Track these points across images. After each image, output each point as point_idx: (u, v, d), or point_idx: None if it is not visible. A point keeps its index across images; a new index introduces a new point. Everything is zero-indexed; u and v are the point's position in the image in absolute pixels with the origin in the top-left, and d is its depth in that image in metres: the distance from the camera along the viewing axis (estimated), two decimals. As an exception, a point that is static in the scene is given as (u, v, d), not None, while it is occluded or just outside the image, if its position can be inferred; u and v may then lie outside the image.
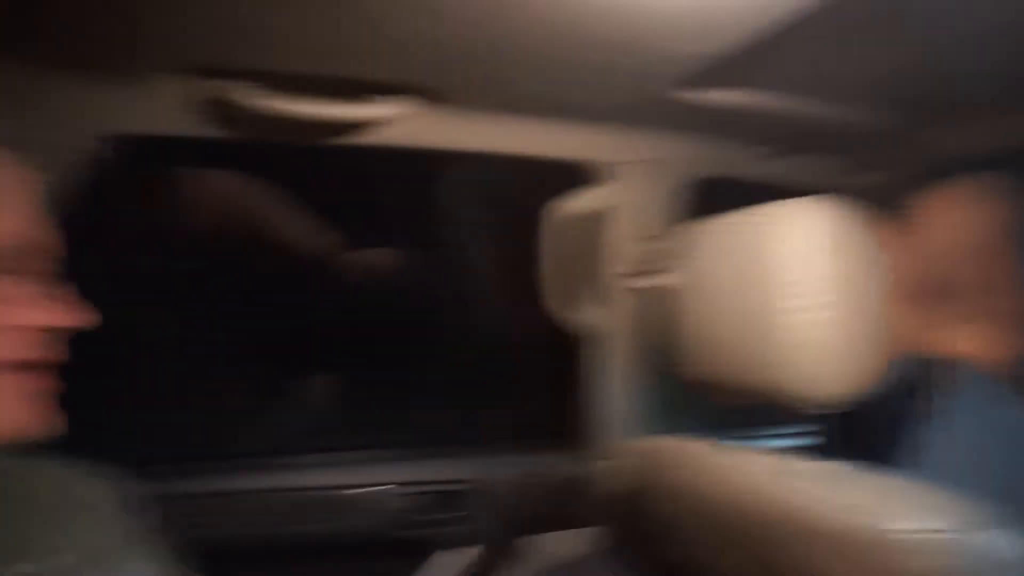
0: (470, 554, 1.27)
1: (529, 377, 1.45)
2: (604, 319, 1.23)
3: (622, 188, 1.19)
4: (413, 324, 1.50)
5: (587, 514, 1.25)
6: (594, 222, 1.20)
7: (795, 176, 1.26)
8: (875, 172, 1.30)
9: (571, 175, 1.19)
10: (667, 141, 1.18)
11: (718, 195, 1.25)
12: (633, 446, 1.13)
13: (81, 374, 0.60)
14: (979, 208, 1.02)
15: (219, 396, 1.36)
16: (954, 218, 1.02)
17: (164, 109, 0.92)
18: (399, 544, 1.25)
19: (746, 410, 0.98)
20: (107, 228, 1.24)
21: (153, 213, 1.25)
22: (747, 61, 0.89)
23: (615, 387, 1.25)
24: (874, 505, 0.70)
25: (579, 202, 1.19)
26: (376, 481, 1.25)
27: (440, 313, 1.52)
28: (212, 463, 1.22)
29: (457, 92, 1.00)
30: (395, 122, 1.01)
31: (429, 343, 1.51)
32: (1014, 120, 1.11)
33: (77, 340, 0.59)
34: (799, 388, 0.80)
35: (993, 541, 0.67)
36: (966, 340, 0.99)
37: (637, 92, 1.00)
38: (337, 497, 1.23)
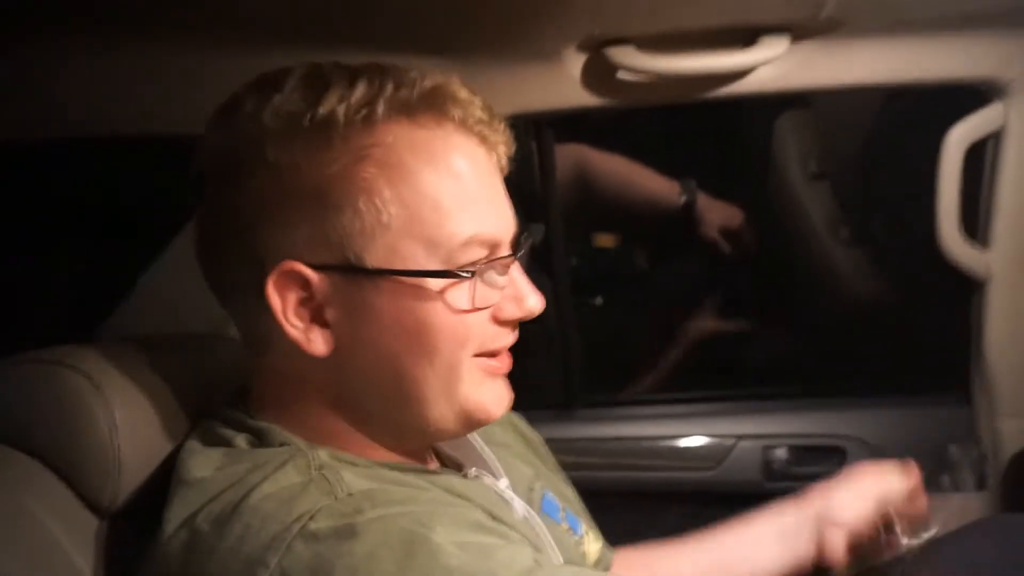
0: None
1: (917, 326, 1.35)
2: (1002, 258, 1.10)
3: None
4: (785, 277, 1.48)
5: (988, 474, 1.15)
6: (995, 148, 1.07)
7: None
8: None
9: (966, 97, 1.07)
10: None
11: None
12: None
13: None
14: None
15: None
16: None
17: (561, 84, 0.98)
18: (774, 497, 1.24)
19: None
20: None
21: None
22: None
23: (1016, 333, 1.12)
24: None
25: (978, 126, 1.07)
26: (753, 433, 1.25)
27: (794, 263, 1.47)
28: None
29: (839, 22, 0.94)
30: (773, 65, 0.98)
31: (802, 294, 1.47)
32: None
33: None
34: None
35: None
36: None
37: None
38: (719, 446, 1.25)
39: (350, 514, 0.50)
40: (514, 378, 0.65)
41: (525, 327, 0.64)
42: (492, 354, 0.61)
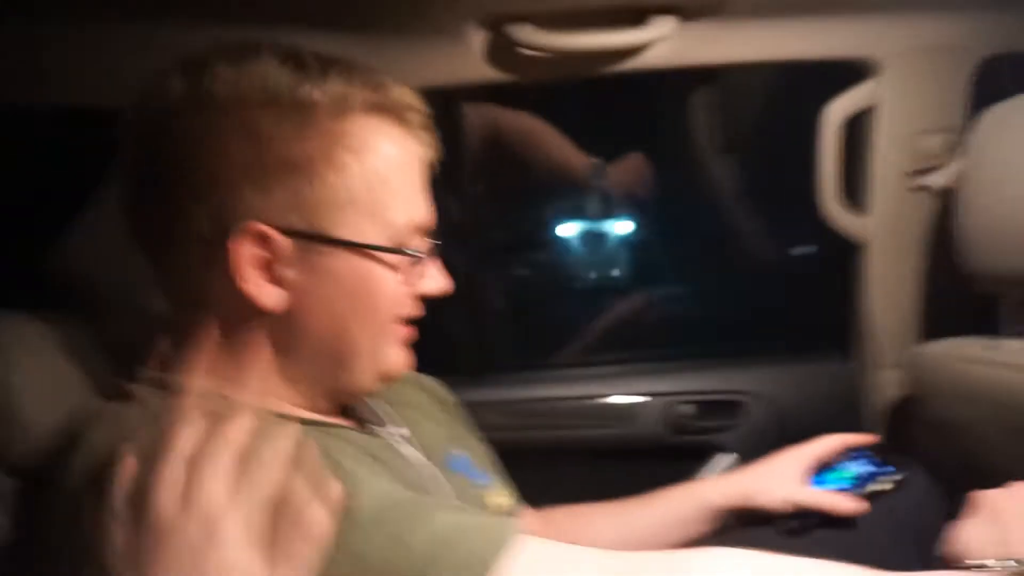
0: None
1: (804, 288, 1.45)
2: (880, 223, 1.19)
3: (900, 81, 1.14)
4: (685, 240, 1.55)
5: (865, 423, 1.25)
6: (868, 121, 1.16)
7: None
8: None
9: (842, 74, 1.16)
10: (953, 22, 1.10)
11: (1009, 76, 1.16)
12: (914, 352, 1.11)
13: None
14: None
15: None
16: None
17: (462, 60, 1.03)
18: (680, 450, 1.32)
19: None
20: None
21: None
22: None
23: (892, 293, 1.22)
24: None
25: (853, 101, 1.15)
26: (658, 391, 1.33)
27: (711, 228, 1.55)
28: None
29: (724, 3, 1.01)
30: (664, 44, 1.05)
31: (705, 260, 1.55)
32: None
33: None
34: None
35: None
36: None
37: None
38: (624, 406, 1.33)
39: None
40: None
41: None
42: (405, 323, 0.70)
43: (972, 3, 1.06)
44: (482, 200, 1.47)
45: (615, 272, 1.50)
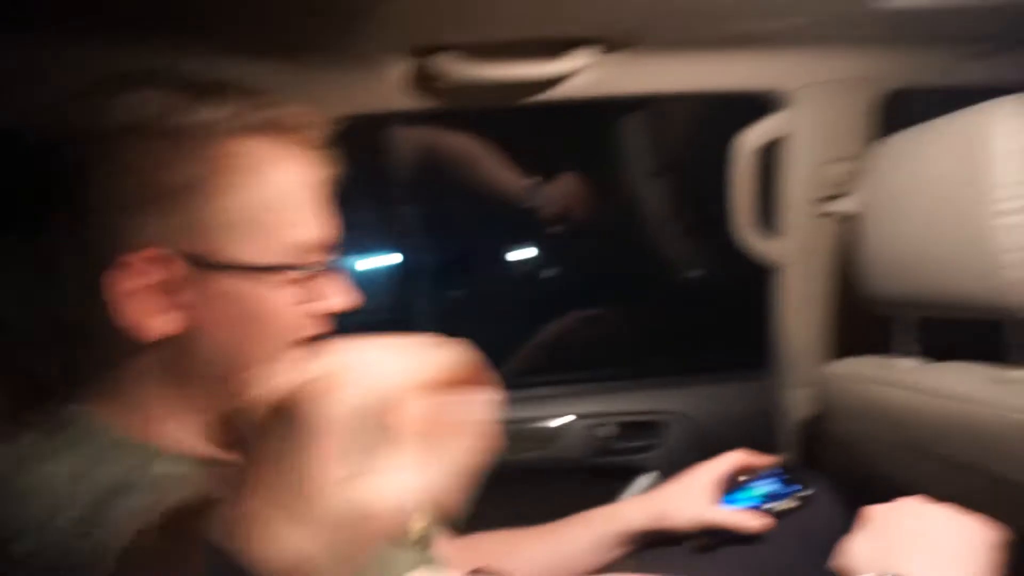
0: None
1: (723, 309, 1.49)
2: (791, 247, 1.25)
3: (807, 112, 1.20)
4: (607, 262, 1.59)
5: (780, 440, 1.30)
6: (779, 150, 1.22)
7: (1004, 76, 1.20)
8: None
9: (756, 105, 1.21)
10: (856, 57, 1.16)
11: (912, 108, 1.22)
12: (822, 371, 1.16)
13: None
14: None
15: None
16: None
17: (386, 88, 1.04)
18: (603, 470, 1.35)
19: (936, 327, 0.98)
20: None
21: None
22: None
23: (804, 315, 1.27)
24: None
25: (765, 131, 1.21)
26: (581, 412, 1.35)
27: (632, 251, 1.59)
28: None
29: (641, 37, 1.05)
30: (585, 74, 1.08)
31: (626, 282, 1.59)
32: None
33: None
34: (1016, 296, 0.80)
35: None
36: None
37: (837, 8, 1.00)
38: (547, 428, 1.34)
39: None
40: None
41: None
42: (308, 344, 0.67)
43: (874, 39, 1.12)
44: (414, 220, 1.48)
45: (540, 294, 1.52)
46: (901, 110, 1.20)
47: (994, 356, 0.86)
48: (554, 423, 1.34)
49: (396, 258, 1.49)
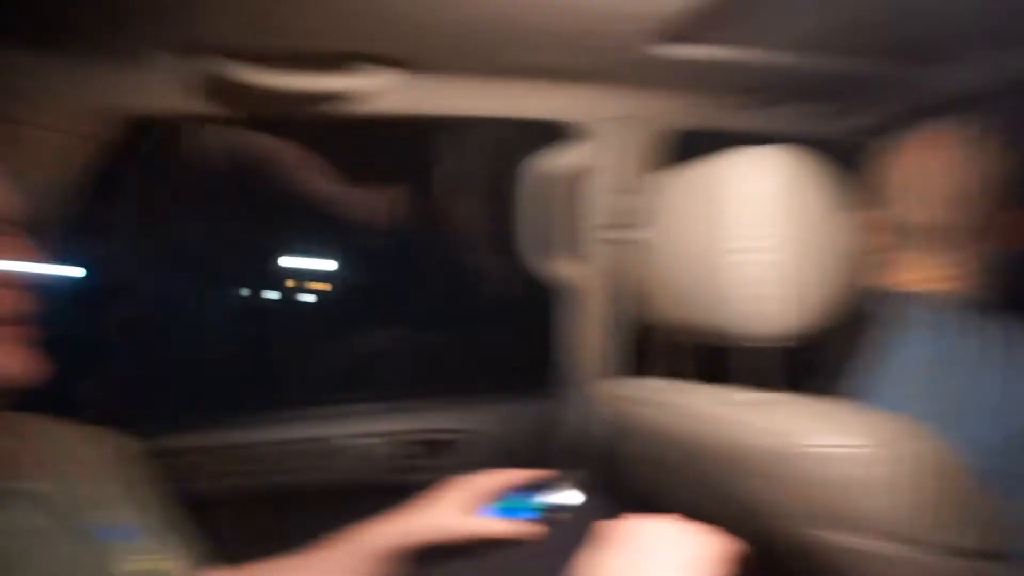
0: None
1: (512, 327, 1.53)
2: (579, 271, 1.30)
3: (599, 144, 1.25)
4: (404, 279, 1.59)
5: (566, 457, 1.35)
6: (570, 178, 1.27)
7: (774, 125, 1.30)
8: (856, 117, 1.33)
9: (549, 133, 1.25)
10: (644, 97, 1.23)
11: (698, 147, 1.31)
12: (606, 390, 1.21)
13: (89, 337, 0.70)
14: (956, 150, 1.05)
15: (227, 353, 1.47)
16: (931, 160, 1.06)
17: (162, 88, 0.99)
18: (391, 489, 1.35)
19: (713, 351, 1.04)
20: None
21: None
22: (724, 15, 0.93)
23: (589, 335, 1.33)
24: (802, 425, 0.77)
25: (556, 159, 1.25)
26: (369, 432, 1.35)
27: (424, 267, 1.60)
28: (212, 419, 1.32)
29: (437, 61, 1.06)
30: (381, 92, 1.08)
31: (420, 299, 1.60)
32: (995, 61, 1.13)
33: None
34: (743, 325, 0.86)
35: (918, 453, 0.73)
36: (925, 273, 1.04)
37: (615, 52, 1.05)
38: (331, 447, 1.33)
39: None
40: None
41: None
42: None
43: (655, 83, 1.19)
44: (213, 227, 1.43)
45: (347, 310, 1.50)
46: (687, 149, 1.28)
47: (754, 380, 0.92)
48: (355, 443, 1.32)
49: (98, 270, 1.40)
